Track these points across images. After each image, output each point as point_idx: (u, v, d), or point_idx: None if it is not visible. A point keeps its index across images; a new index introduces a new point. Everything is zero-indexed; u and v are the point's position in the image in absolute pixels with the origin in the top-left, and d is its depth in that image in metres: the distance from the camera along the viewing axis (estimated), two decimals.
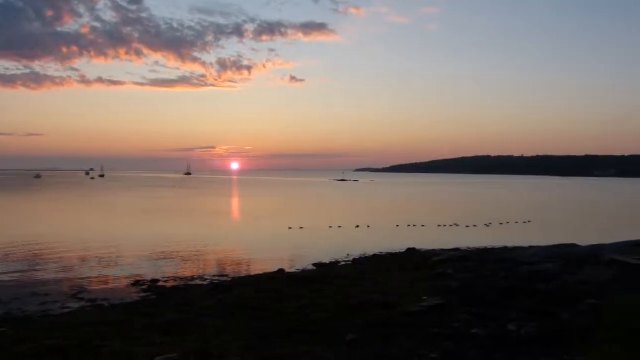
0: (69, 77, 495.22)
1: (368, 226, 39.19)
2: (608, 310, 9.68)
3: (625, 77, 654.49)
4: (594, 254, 17.96)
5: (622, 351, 7.24)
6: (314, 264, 22.95)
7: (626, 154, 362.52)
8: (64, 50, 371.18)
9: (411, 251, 25.66)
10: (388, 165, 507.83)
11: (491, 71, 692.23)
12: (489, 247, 27.86)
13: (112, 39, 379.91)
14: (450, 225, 40.64)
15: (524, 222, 43.97)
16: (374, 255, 25.35)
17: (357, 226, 39.23)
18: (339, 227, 38.61)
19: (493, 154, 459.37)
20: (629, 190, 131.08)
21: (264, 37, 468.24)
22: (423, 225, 40.20)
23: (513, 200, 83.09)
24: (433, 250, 25.69)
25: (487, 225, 41.12)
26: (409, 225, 40.06)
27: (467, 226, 40.30)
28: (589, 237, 28.33)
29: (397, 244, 28.67)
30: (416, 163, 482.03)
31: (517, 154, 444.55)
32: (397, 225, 39.96)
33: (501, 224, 42.49)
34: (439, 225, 40.47)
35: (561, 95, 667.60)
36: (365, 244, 29.11)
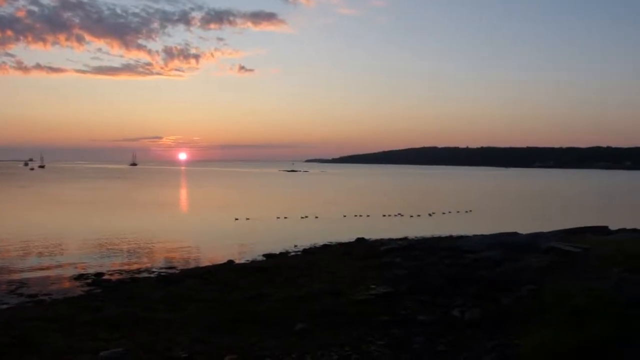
0: (4, 63, 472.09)
1: (316, 217, 39.42)
2: (545, 294, 10.13)
3: (565, 74, 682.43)
4: (533, 242, 18.74)
5: (558, 333, 7.60)
6: (264, 255, 22.93)
7: (564, 146, 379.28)
8: None
9: (360, 241, 26.01)
10: (338, 156, 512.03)
11: (439, 64, 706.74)
12: (435, 236, 28.58)
13: (51, 24, 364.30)
14: (395, 215, 41.44)
15: (466, 212, 45.36)
16: (324, 246, 25.59)
17: (306, 216, 39.39)
18: (286, 218, 38.64)
19: (440, 145, 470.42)
20: (566, 181, 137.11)
21: (212, 26, 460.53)
22: (368, 216, 40.77)
23: (456, 190, 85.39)
24: (381, 239, 26.14)
25: (430, 215, 42.17)
26: (355, 216, 40.57)
27: (411, 216, 41.21)
28: (528, 225, 29.49)
29: (346, 234, 28.96)
30: (366, 154, 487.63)
31: (462, 145, 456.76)
32: (344, 216, 40.40)
33: (444, 213, 43.68)
34: (384, 215, 41.18)
35: (504, 89, 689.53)
36: (314, 235, 29.27)
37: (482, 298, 11.75)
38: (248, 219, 37.73)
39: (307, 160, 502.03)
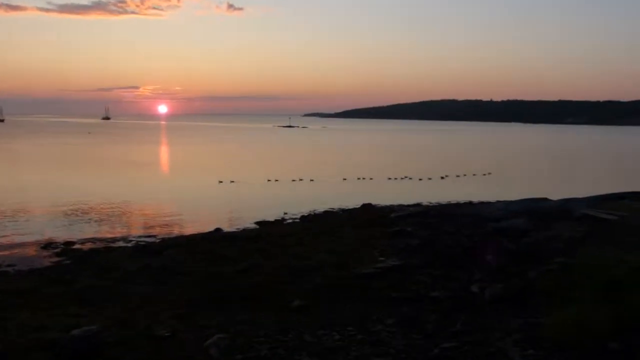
0: None
1: (311, 180, 39.37)
2: (578, 267, 10.17)
3: (603, 21, 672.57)
4: (564, 208, 18.75)
5: (593, 308, 7.65)
6: (256, 222, 23.06)
7: (601, 100, 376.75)
8: None
9: (366, 207, 26.02)
10: (341, 110, 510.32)
11: (459, 7, 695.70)
12: (452, 202, 28.64)
13: None
14: (402, 179, 41.40)
15: (484, 175, 45.29)
16: (325, 212, 25.72)
17: (300, 179, 39.34)
18: (277, 180, 38.64)
19: (460, 97, 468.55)
20: (602, 139, 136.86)
21: None
22: (372, 179, 40.73)
23: (474, 150, 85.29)
24: (391, 205, 26.18)
25: (443, 179, 42.12)
26: (358, 179, 40.57)
27: (420, 179, 41.14)
28: (559, 190, 29.55)
29: (347, 199, 29.00)
30: (374, 107, 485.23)
31: (485, 98, 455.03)
32: (344, 179, 40.38)
33: (458, 176, 43.60)
34: (390, 179, 41.11)
35: (535, 36, 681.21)
36: (311, 200, 29.31)
37: (506, 272, 11.82)
38: (233, 181, 37.73)
39: (306, 115, 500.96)
